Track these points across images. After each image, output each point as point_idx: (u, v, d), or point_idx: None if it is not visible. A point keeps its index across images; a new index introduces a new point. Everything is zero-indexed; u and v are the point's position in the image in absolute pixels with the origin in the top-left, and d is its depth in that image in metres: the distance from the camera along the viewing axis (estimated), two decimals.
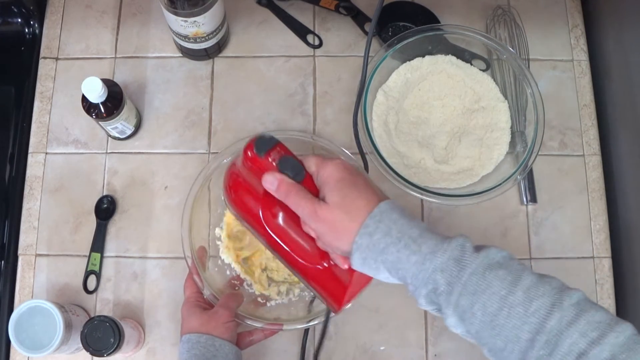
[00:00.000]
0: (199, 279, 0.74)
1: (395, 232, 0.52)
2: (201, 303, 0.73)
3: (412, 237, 0.51)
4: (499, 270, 0.49)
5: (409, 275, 0.51)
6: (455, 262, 0.50)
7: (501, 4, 0.93)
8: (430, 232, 0.52)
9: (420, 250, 0.51)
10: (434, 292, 0.51)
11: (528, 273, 0.49)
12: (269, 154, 0.57)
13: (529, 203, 0.85)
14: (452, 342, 0.81)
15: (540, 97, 0.81)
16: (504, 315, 0.47)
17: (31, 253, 0.84)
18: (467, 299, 0.49)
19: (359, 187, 0.55)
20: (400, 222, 0.52)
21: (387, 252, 0.52)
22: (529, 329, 0.46)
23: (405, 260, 0.51)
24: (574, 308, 0.45)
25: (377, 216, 0.52)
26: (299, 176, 0.56)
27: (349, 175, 0.55)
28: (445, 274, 0.50)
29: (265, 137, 0.57)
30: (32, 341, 0.70)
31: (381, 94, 0.86)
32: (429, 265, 0.50)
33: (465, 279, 0.49)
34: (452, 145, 0.85)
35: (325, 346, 0.81)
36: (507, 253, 0.51)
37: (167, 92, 0.90)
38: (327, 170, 0.56)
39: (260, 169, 0.57)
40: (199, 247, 0.78)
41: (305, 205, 0.55)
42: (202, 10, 0.77)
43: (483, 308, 0.48)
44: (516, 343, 0.46)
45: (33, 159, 0.87)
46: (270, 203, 0.58)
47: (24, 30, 0.93)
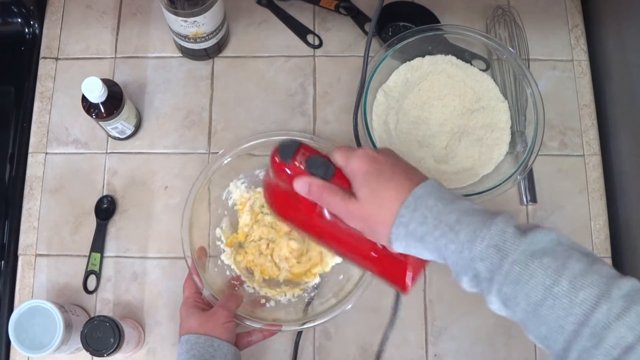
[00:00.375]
0: (198, 279, 0.74)
1: (431, 220, 0.50)
2: (200, 303, 0.73)
3: (449, 224, 0.50)
4: (543, 258, 0.46)
5: (449, 262, 0.50)
6: (495, 249, 0.48)
7: (501, 4, 0.93)
8: (469, 215, 0.50)
9: (457, 238, 0.49)
10: (475, 278, 0.49)
11: (575, 260, 0.46)
12: (295, 158, 0.57)
13: (529, 203, 0.85)
14: (452, 342, 0.81)
15: (540, 97, 0.81)
16: (548, 306, 0.45)
17: (31, 253, 0.84)
18: (509, 287, 0.47)
19: (387, 176, 0.53)
20: (437, 207, 0.51)
21: (426, 240, 0.50)
22: (573, 320, 0.44)
23: (443, 249, 0.50)
24: (623, 300, 0.43)
25: (412, 204, 0.51)
26: (328, 173, 0.56)
27: (375, 165, 0.54)
28: (486, 262, 0.48)
29: (287, 141, 0.58)
30: (32, 341, 0.70)
31: (381, 94, 0.86)
32: (468, 254, 0.48)
33: (506, 269, 0.47)
34: (452, 145, 0.85)
35: (324, 346, 0.81)
36: (554, 235, 0.49)
37: (167, 92, 0.90)
38: (353, 164, 0.55)
39: (291, 175, 0.57)
40: (199, 247, 0.78)
41: (338, 204, 0.54)
42: (202, 10, 0.77)
43: (526, 298, 0.46)
44: (560, 334, 0.45)
45: (33, 159, 0.87)
46: (311, 205, 0.58)
47: (24, 30, 0.93)
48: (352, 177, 0.55)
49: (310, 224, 0.60)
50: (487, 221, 0.49)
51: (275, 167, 0.58)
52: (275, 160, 0.58)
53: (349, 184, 0.56)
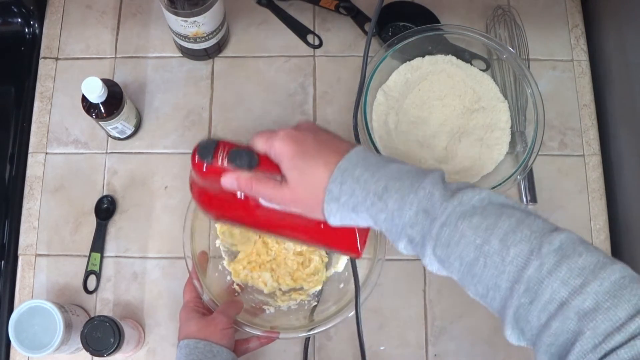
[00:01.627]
0: (198, 283, 0.74)
1: (359, 192, 0.50)
2: (200, 308, 0.72)
3: (377, 193, 0.49)
4: (472, 218, 0.46)
5: (383, 229, 0.50)
6: (424, 214, 0.47)
7: (501, 4, 0.93)
8: (398, 180, 0.49)
9: (387, 207, 0.49)
10: (410, 243, 0.49)
11: (506, 216, 0.46)
12: (216, 155, 0.55)
13: (529, 203, 0.85)
14: (452, 342, 0.81)
15: (540, 97, 0.81)
16: (481, 265, 0.45)
17: (31, 253, 0.84)
18: (442, 250, 0.47)
19: (312, 154, 0.53)
20: (364, 177, 0.50)
21: (358, 210, 0.50)
22: (507, 277, 0.44)
23: (376, 217, 0.50)
24: (555, 254, 0.43)
25: (339, 178, 0.51)
26: (253, 162, 0.55)
27: (298, 145, 0.53)
28: (417, 227, 0.48)
29: (204, 141, 0.56)
30: (32, 341, 0.70)
31: (381, 94, 0.86)
32: (399, 222, 0.48)
33: (436, 232, 0.47)
34: (452, 145, 0.85)
35: (325, 346, 0.81)
36: (486, 193, 0.48)
37: (167, 92, 0.90)
38: (276, 147, 0.54)
39: (214, 173, 0.56)
40: (200, 252, 0.77)
41: (270, 193, 0.54)
42: (202, 10, 0.77)
43: (459, 259, 0.46)
44: (496, 291, 0.45)
45: (33, 159, 0.87)
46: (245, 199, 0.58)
47: (24, 30, 0.93)
48: (278, 161, 0.54)
49: (251, 218, 0.59)
50: (415, 185, 0.48)
51: (198, 169, 0.56)
52: (195, 162, 0.56)
53: (277, 168, 0.54)
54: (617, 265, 0.43)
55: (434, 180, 0.49)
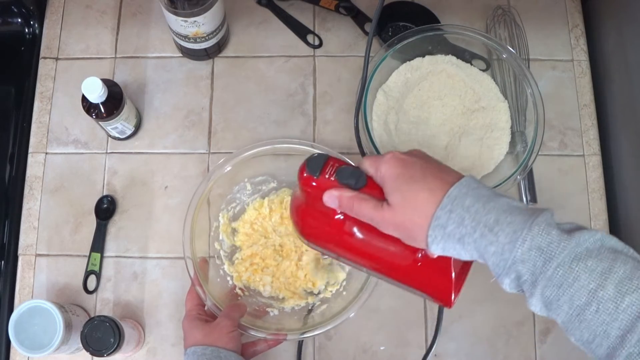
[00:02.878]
0: (201, 290, 0.73)
1: (468, 221, 0.48)
2: (202, 315, 0.72)
3: (488, 225, 0.48)
4: (587, 261, 0.45)
5: (489, 263, 0.49)
6: (538, 251, 0.46)
7: (501, 4, 0.93)
8: (509, 214, 0.48)
9: (497, 240, 0.47)
10: (517, 280, 0.48)
11: (621, 262, 0.45)
12: (324, 170, 0.55)
13: (529, 203, 0.85)
14: (452, 342, 0.81)
15: (540, 97, 0.81)
16: (593, 311, 0.44)
17: (31, 253, 0.84)
18: (552, 290, 0.46)
19: (418, 179, 0.52)
20: (474, 207, 0.49)
21: (464, 242, 0.49)
22: (619, 325, 0.43)
23: (483, 250, 0.48)
24: None
25: (448, 205, 0.49)
26: (360, 183, 0.54)
27: (403, 169, 0.53)
28: (528, 264, 0.46)
29: (314, 156, 0.56)
30: (32, 341, 0.70)
31: (381, 94, 0.86)
32: (509, 256, 0.47)
33: (550, 272, 0.45)
34: (452, 145, 0.85)
35: (325, 346, 0.81)
36: (600, 235, 0.47)
37: (167, 92, 0.90)
38: (382, 169, 0.54)
39: (320, 188, 0.55)
40: (201, 258, 0.77)
41: (371, 214, 0.53)
42: (202, 10, 0.77)
43: (570, 301, 0.45)
44: (605, 339, 0.44)
45: (33, 159, 0.87)
46: (342, 221, 0.56)
47: (24, 30, 0.93)
48: (383, 184, 0.54)
49: (343, 244, 0.58)
50: (528, 220, 0.47)
51: (305, 182, 0.56)
52: (303, 175, 0.56)
53: (381, 192, 0.54)
54: None
55: (548, 219, 0.48)
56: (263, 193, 0.84)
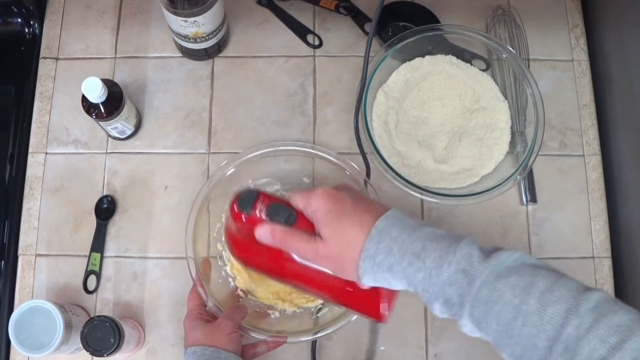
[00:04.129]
0: (203, 290, 0.73)
1: (396, 251, 0.51)
2: (204, 315, 0.72)
3: (415, 252, 0.50)
4: (509, 277, 0.47)
5: (419, 289, 0.51)
6: (463, 274, 0.48)
7: (501, 4, 0.93)
8: (433, 242, 0.51)
9: (425, 265, 0.50)
10: (446, 304, 0.50)
11: (542, 277, 0.47)
12: (255, 206, 0.57)
13: (529, 203, 0.85)
14: (452, 342, 0.81)
15: (540, 97, 0.81)
16: (519, 325, 0.46)
17: (31, 253, 0.84)
18: (479, 310, 0.48)
19: (349, 213, 0.54)
20: (401, 238, 0.51)
21: (394, 270, 0.51)
22: (545, 337, 0.45)
23: (412, 277, 0.50)
24: (592, 312, 0.44)
25: (376, 237, 0.52)
26: (291, 219, 0.56)
27: (334, 204, 0.54)
28: (455, 287, 0.49)
29: (245, 192, 0.58)
30: (32, 341, 0.70)
31: (381, 94, 0.86)
32: (436, 281, 0.49)
33: (475, 292, 0.48)
34: (452, 145, 0.85)
35: (325, 346, 0.81)
36: (519, 254, 0.49)
37: (167, 92, 0.90)
38: (313, 204, 0.55)
39: (251, 223, 0.57)
40: (203, 259, 0.77)
41: (303, 248, 0.55)
42: (202, 10, 0.77)
43: (497, 318, 0.47)
44: (534, 351, 0.45)
45: (33, 159, 0.87)
46: (277, 251, 0.58)
47: (24, 30, 0.93)
48: (314, 218, 0.55)
49: (280, 270, 0.60)
50: (452, 245, 0.50)
51: (236, 217, 0.58)
52: (235, 211, 0.57)
53: (312, 227, 0.55)
54: None
55: (470, 243, 0.50)
56: None
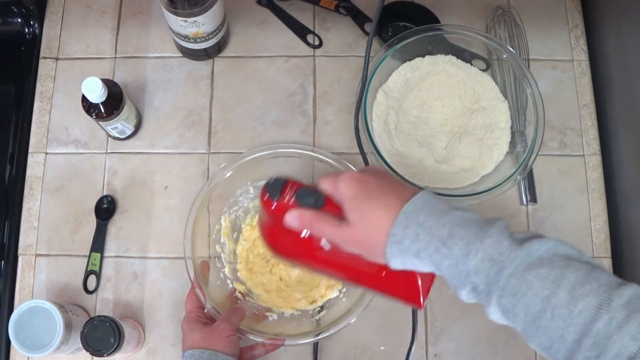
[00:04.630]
0: (201, 292, 0.73)
1: (423, 236, 0.50)
2: (202, 318, 0.72)
3: (442, 239, 0.50)
4: (540, 269, 0.46)
5: (446, 275, 0.50)
6: (490, 262, 0.47)
7: (501, 4, 0.93)
8: (462, 227, 0.49)
9: (451, 253, 0.49)
10: (473, 291, 0.49)
11: (573, 269, 0.46)
12: (283, 193, 0.57)
13: (529, 203, 0.85)
14: (452, 342, 0.81)
15: (540, 97, 0.81)
16: (548, 317, 0.45)
17: (31, 253, 0.84)
18: (507, 300, 0.47)
19: (375, 197, 0.53)
20: (428, 222, 0.50)
21: (420, 256, 0.51)
22: (574, 330, 0.44)
23: (439, 263, 0.50)
24: (624, 309, 0.43)
25: (403, 222, 0.51)
26: (319, 203, 0.56)
27: (361, 187, 0.54)
28: (481, 275, 0.48)
29: (274, 180, 0.58)
30: (32, 341, 0.70)
31: (381, 94, 0.86)
32: (463, 268, 0.48)
33: (503, 282, 0.47)
34: (452, 145, 0.85)
35: (325, 346, 0.81)
36: (552, 244, 0.48)
37: (167, 92, 0.90)
38: (340, 189, 0.55)
39: (281, 210, 0.57)
40: (202, 261, 0.77)
41: (331, 232, 0.55)
42: (202, 10, 0.77)
43: (525, 309, 0.46)
44: (562, 343, 0.45)
45: (33, 159, 0.87)
46: (308, 238, 0.58)
47: (24, 30, 0.93)
48: (342, 203, 0.55)
49: (312, 257, 0.60)
50: (480, 233, 0.49)
51: (266, 205, 0.58)
52: (264, 199, 0.58)
53: (341, 210, 0.55)
54: None
55: (500, 230, 0.49)
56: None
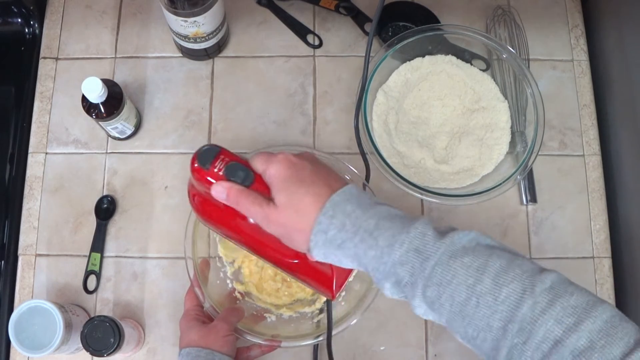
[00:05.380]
0: (200, 291, 0.73)
1: (349, 226, 0.50)
2: (200, 316, 0.72)
3: (368, 229, 0.49)
4: (464, 257, 0.47)
5: (370, 268, 0.50)
6: (416, 253, 0.48)
7: (501, 4, 0.93)
8: (388, 220, 0.50)
9: (377, 244, 0.49)
10: (397, 284, 0.49)
11: (496, 257, 0.46)
12: (214, 164, 0.57)
13: (529, 203, 0.85)
14: (452, 342, 0.81)
15: (540, 97, 0.81)
16: (473, 305, 0.45)
17: (31, 253, 0.84)
18: (433, 290, 0.47)
19: (306, 183, 0.53)
20: (355, 213, 0.50)
21: (345, 247, 0.50)
22: (500, 317, 0.44)
23: (363, 255, 0.50)
24: (547, 293, 0.43)
25: (330, 211, 0.51)
26: (248, 180, 0.56)
27: (294, 171, 0.54)
28: (407, 266, 0.48)
29: (207, 148, 0.58)
30: (32, 341, 0.70)
31: (381, 94, 0.86)
32: (388, 259, 0.48)
33: (428, 272, 0.47)
34: (452, 145, 0.85)
35: (325, 346, 0.81)
36: (474, 234, 0.49)
37: (167, 92, 0.90)
38: (272, 169, 0.54)
39: (208, 180, 0.57)
40: (202, 259, 0.77)
41: (255, 210, 0.54)
42: (202, 10, 0.77)
43: (451, 298, 0.46)
44: (488, 332, 0.45)
45: (33, 159, 0.87)
46: (232, 211, 0.58)
47: (24, 30, 0.93)
48: (270, 183, 0.54)
49: (233, 230, 0.60)
50: (406, 225, 0.49)
51: (195, 172, 0.57)
52: (194, 166, 0.57)
53: (268, 191, 0.55)
54: (606, 305, 0.44)
55: (424, 223, 0.49)
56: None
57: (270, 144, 0.87)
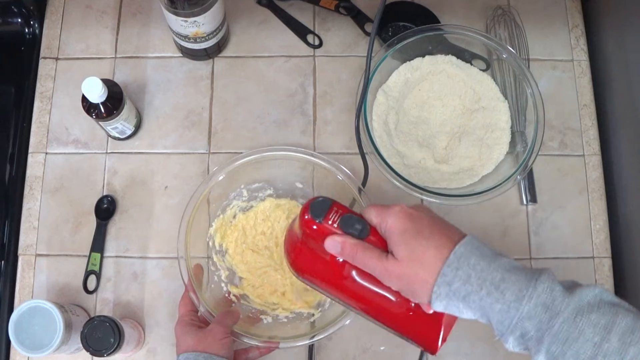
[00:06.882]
0: (195, 296, 0.73)
1: (474, 279, 0.50)
2: (195, 321, 0.72)
3: (494, 282, 0.49)
4: (591, 315, 0.46)
5: (494, 321, 0.50)
6: (544, 308, 0.48)
7: (501, 4, 0.93)
8: (513, 273, 0.49)
9: (503, 297, 0.49)
10: (521, 337, 0.49)
11: (622, 316, 0.46)
12: (328, 216, 0.55)
13: (529, 203, 0.85)
14: (452, 342, 0.81)
15: (540, 97, 0.81)
16: None
17: (31, 253, 0.84)
18: (558, 346, 0.47)
19: (426, 235, 0.52)
20: (480, 265, 0.50)
21: (469, 299, 0.50)
22: None
23: (489, 308, 0.49)
24: None
25: (454, 263, 0.50)
26: (364, 233, 0.55)
27: (411, 224, 0.53)
28: (534, 321, 0.48)
29: (319, 200, 0.56)
30: (32, 341, 0.70)
31: (381, 94, 0.86)
32: (515, 314, 0.48)
33: (556, 328, 0.47)
34: (452, 145, 0.85)
35: (325, 346, 0.81)
36: (598, 290, 0.48)
37: (167, 92, 0.90)
38: (389, 222, 0.54)
39: (321, 233, 0.55)
40: (195, 264, 0.77)
41: (374, 264, 0.54)
42: (202, 10, 0.77)
43: (575, 356, 0.46)
44: None
45: (33, 159, 0.87)
46: (340, 265, 0.56)
47: (24, 30, 0.93)
48: (388, 236, 0.54)
49: (336, 285, 0.58)
50: (532, 279, 0.49)
51: (305, 225, 0.56)
52: (305, 218, 0.56)
53: (384, 243, 0.54)
54: None
55: (551, 277, 0.49)
56: (259, 199, 0.83)
57: (270, 144, 0.87)
